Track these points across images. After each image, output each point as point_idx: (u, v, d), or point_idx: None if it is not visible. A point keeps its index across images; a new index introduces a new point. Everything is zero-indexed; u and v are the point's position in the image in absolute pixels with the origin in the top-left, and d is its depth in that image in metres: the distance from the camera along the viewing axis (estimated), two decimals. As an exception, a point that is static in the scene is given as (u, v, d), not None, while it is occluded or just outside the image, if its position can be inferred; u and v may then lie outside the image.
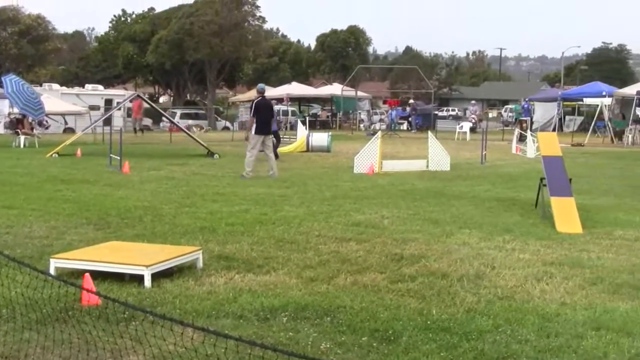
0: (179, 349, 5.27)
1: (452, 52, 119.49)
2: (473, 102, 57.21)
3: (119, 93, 53.12)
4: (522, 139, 31.99)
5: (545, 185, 12.77)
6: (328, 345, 5.91)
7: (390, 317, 6.63)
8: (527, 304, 7.14)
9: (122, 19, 75.52)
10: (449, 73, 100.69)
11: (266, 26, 71.41)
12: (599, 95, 43.51)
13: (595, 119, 42.79)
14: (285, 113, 51.18)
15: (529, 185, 16.16)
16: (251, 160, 18.53)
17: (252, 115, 18.99)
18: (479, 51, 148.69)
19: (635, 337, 6.19)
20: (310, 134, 30.32)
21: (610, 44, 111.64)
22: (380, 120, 54.62)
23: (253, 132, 18.76)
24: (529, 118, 47.14)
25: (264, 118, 18.78)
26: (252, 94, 58.44)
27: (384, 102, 73.45)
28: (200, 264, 8.42)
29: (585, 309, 7.02)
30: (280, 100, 54.58)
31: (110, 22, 76.60)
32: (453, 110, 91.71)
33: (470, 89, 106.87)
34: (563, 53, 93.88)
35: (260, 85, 20.61)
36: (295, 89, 57.54)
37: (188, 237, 10.17)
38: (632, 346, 5.98)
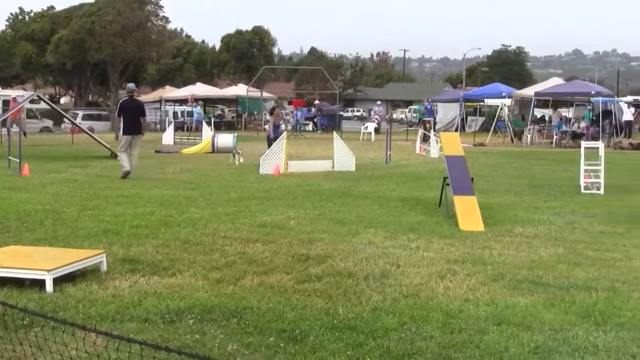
0: (82, 354, 5.16)
1: (357, 54, 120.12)
2: (378, 102, 57.81)
3: (18, 94, 51.58)
4: (425, 139, 32.55)
5: (448, 184, 13.03)
6: (235, 347, 5.88)
7: (297, 317, 6.65)
8: (431, 301, 7.26)
9: (20, 17, 73.39)
10: (354, 74, 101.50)
11: (170, 26, 70.54)
12: (499, 96, 44.67)
13: (495, 119, 43.88)
14: (191, 114, 50.70)
15: (432, 184, 16.47)
16: (124, 159, 18.60)
17: (117, 115, 19.39)
18: (383, 52, 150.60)
19: (535, 331, 6.38)
20: (216, 135, 30.15)
21: (510, 46, 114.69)
22: (286, 121, 54.68)
23: (121, 132, 19.00)
24: (432, 118, 47.99)
25: (131, 118, 18.87)
26: (157, 94, 57.81)
27: (290, 103, 73.62)
28: (104, 267, 8.27)
29: (487, 304, 7.19)
30: (184, 102, 54.10)
31: (7, 20, 74.37)
32: (358, 111, 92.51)
33: (375, 90, 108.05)
34: (465, 55, 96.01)
35: (130, 85, 20.32)
36: (200, 89, 57.07)
37: (91, 241, 9.97)
38: (532, 339, 6.16)
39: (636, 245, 10.34)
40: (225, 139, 29.09)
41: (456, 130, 44.44)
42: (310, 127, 52.35)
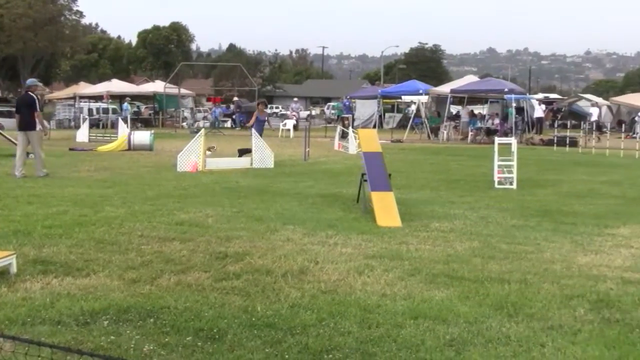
0: (-9, 358, 5.02)
1: (276, 50, 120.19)
2: (295, 99, 57.88)
3: None
4: (344, 135, 32.74)
5: (366, 180, 13.13)
6: (151, 347, 5.81)
7: (215, 315, 6.60)
8: (349, 297, 7.31)
9: None
10: (273, 71, 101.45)
11: (84, 21, 69.27)
12: (416, 93, 45.22)
13: (413, 116, 44.41)
14: (106, 111, 49.85)
15: (350, 180, 16.57)
16: (38, 158, 18.31)
17: (15, 111, 19.19)
18: (302, 49, 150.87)
19: (450, 324, 6.49)
20: (132, 132, 29.71)
21: (427, 44, 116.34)
22: (204, 118, 54.29)
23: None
24: (350, 115, 48.27)
25: (23, 114, 18.55)
26: (71, 91, 56.61)
27: (208, 100, 73.09)
28: (13, 269, 8.04)
29: (404, 299, 7.28)
30: (100, 98, 53.15)
31: None
32: (277, 107, 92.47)
33: (294, 87, 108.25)
34: (382, 52, 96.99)
35: (29, 80, 19.75)
36: (116, 86, 56.14)
37: (0, 242, 9.70)
38: (447, 332, 6.26)
39: (546, 238, 10.61)
40: (142, 137, 28.70)
41: (374, 126, 44.82)
42: (228, 123, 52.07)
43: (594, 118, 46.01)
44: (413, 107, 44.72)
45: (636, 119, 44.91)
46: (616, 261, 9.20)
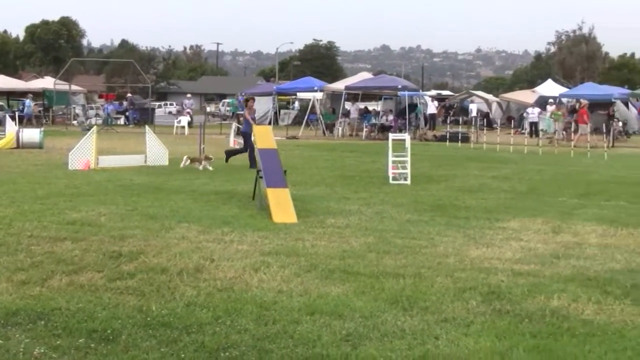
0: None
1: (170, 46, 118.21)
2: (189, 95, 57.28)
3: None
4: (239, 132, 32.60)
5: (261, 177, 13.11)
6: (42, 350, 5.66)
7: (109, 316, 6.48)
8: (245, 294, 7.29)
9: None
10: (167, 67, 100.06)
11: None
12: (311, 89, 45.44)
13: (308, 112, 44.62)
14: (2, 108, 48.17)
15: (246, 177, 16.53)
16: None
17: None
18: (196, 46, 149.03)
19: (346, 319, 6.55)
20: (21, 129, 28.81)
21: (321, 41, 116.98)
22: (96, 115, 53.11)
23: None
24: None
25: None
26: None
27: (100, 97, 71.54)
28: None
29: (300, 295, 7.31)
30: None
31: None
32: (171, 104, 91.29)
33: (189, 83, 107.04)
34: (277, 49, 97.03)
35: None
36: (2, 82, 54.33)
37: None
38: (343, 327, 6.32)
39: (440, 232, 10.84)
40: (31, 134, 27.87)
41: (269, 123, 44.80)
42: (121, 121, 51.11)
43: (472, 114, 47.40)
44: (297, 104, 45.13)
45: (525, 115, 46.28)
46: (507, 254, 9.48)
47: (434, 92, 66.17)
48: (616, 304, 7.19)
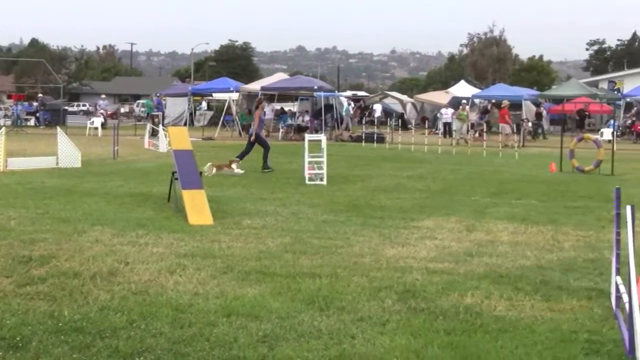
0: None
1: (82, 46, 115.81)
2: (103, 96, 56.39)
3: None
4: (154, 133, 32.25)
5: (177, 178, 12.99)
6: (-52, 359, 5.48)
7: (18, 322, 6.31)
8: (161, 297, 7.20)
9: None
10: (79, 67, 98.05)
11: None
12: (227, 90, 45.24)
13: (224, 113, 44.41)
14: None
15: (161, 179, 16.34)
16: None
17: None
18: (110, 45, 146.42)
19: (263, 320, 6.53)
20: None
21: (237, 41, 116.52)
22: (5, 116, 51.73)
23: None
24: (160, 113, 47.60)
25: None
26: None
27: (9, 97, 69.76)
28: None
29: (216, 297, 7.26)
30: None
31: None
32: (84, 105, 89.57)
33: (102, 84, 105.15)
34: (192, 49, 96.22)
35: None
36: None
37: None
38: (260, 329, 6.30)
39: (356, 232, 10.92)
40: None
41: (185, 124, 44.43)
42: (32, 122, 49.93)
43: (377, 114, 47.95)
44: (204, 104, 45.00)
45: (438, 115, 47.05)
46: (421, 252, 9.61)
47: (349, 93, 66.60)
48: (526, 299, 7.36)
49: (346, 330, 6.34)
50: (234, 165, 19.34)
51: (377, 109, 51.83)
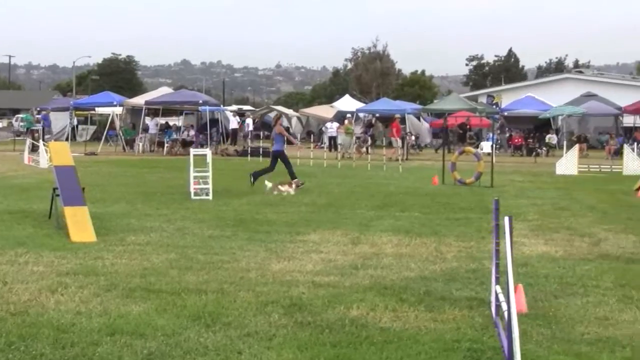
0: None
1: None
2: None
3: None
4: (34, 149, 31.36)
5: (58, 195, 12.67)
6: None
7: None
8: (41, 317, 6.99)
9: None
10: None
11: None
12: (110, 104, 44.40)
13: (107, 128, 43.58)
14: None
15: (42, 196, 15.88)
16: None
17: None
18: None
19: (148, 338, 6.43)
20: None
21: (120, 55, 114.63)
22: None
23: None
24: (41, 127, 46.27)
25: None
26: None
27: None
28: None
29: (100, 315, 7.11)
30: None
31: None
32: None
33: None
34: (74, 62, 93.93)
35: None
36: None
37: None
38: (145, 347, 6.20)
39: (242, 247, 10.90)
40: None
41: (67, 139, 43.33)
42: None
43: (233, 126, 47.59)
44: (74, 119, 44.14)
45: (324, 129, 47.48)
46: (307, 266, 9.66)
47: (235, 107, 66.43)
48: (411, 310, 7.50)
49: (233, 346, 6.31)
50: (293, 186, 19.02)
51: (249, 123, 51.61)
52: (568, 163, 27.34)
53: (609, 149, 39.01)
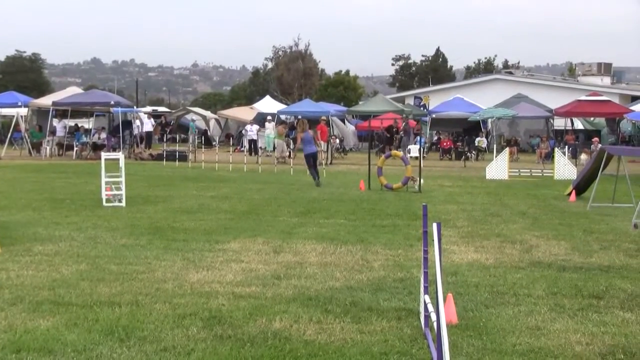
0: None
1: None
2: None
3: None
4: None
5: (-43, 202, 12.35)
6: None
7: None
8: (-61, 335, 6.80)
9: None
10: None
11: None
12: (15, 105, 43.42)
13: (12, 130, 42.63)
14: None
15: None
16: None
17: None
18: None
19: (57, 355, 6.32)
20: None
21: (25, 52, 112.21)
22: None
23: None
24: None
25: None
26: None
27: None
28: None
29: (4, 331, 6.96)
30: None
31: None
32: None
33: None
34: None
35: None
36: None
37: None
38: (54, 365, 6.09)
39: (158, 257, 10.79)
40: None
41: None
42: None
43: (147, 128, 46.90)
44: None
45: (244, 132, 47.33)
46: (227, 276, 9.62)
47: (149, 109, 65.70)
48: (336, 322, 7.53)
49: (149, 361, 6.24)
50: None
51: (146, 123, 50.73)
52: (498, 167, 27.85)
53: (540, 152, 39.81)
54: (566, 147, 34.97)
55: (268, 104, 56.12)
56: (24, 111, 43.38)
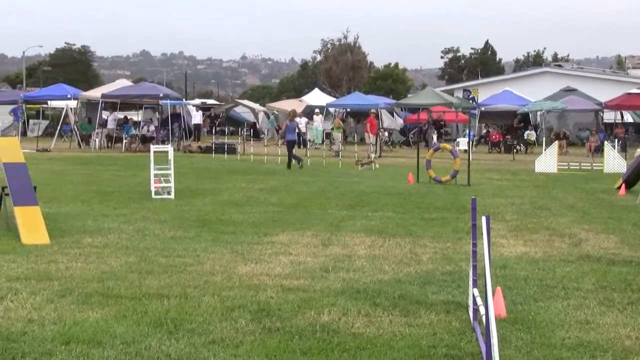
0: None
1: None
2: None
3: None
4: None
5: (8, 194, 12.52)
6: None
7: None
8: (-10, 326, 6.92)
9: None
10: None
11: None
12: (65, 97, 43.98)
13: (61, 122, 43.19)
14: None
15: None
16: None
17: None
18: None
19: (106, 347, 6.37)
20: None
21: (74, 44, 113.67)
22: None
23: None
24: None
25: None
26: None
27: None
28: None
29: (54, 323, 7.04)
30: None
31: None
32: None
33: None
34: (24, 52, 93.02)
35: None
36: None
37: None
38: (103, 356, 6.15)
39: (206, 249, 10.84)
40: None
41: (17, 135, 42.89)
42: None
43: (196, 121, 46.99)
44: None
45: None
46: (276, 269, 9.64)
47: (198, 101, 66.13)
48: (385, 315, 7.51)
49: (197, 354, 6.27)
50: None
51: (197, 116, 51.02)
52: (547, 160, 27.54)
53: (589, 145, 39.27)
54: (616, 140, 34.43)
55: (317, 97, 56.12)
56: (73, 104, 43.90)
